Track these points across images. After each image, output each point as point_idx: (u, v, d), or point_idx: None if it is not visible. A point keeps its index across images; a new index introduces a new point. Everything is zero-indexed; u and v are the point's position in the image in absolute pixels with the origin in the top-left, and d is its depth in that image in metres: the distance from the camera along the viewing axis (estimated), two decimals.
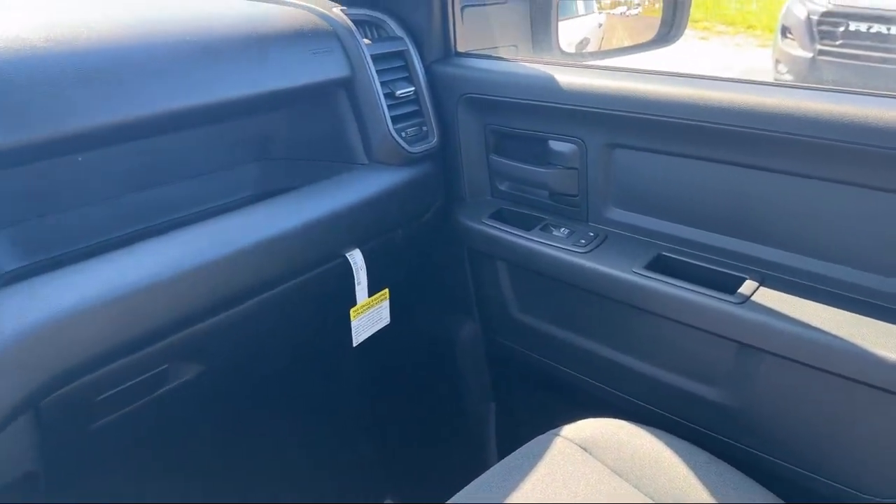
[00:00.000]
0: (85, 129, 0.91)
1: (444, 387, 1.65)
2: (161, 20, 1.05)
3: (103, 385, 0.99)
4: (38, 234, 1.05)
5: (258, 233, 1.09)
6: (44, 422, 0.92)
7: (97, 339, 0.92)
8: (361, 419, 1.76)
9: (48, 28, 0.93)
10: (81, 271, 0.93)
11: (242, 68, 1.08)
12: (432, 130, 1.39)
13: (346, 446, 1.74)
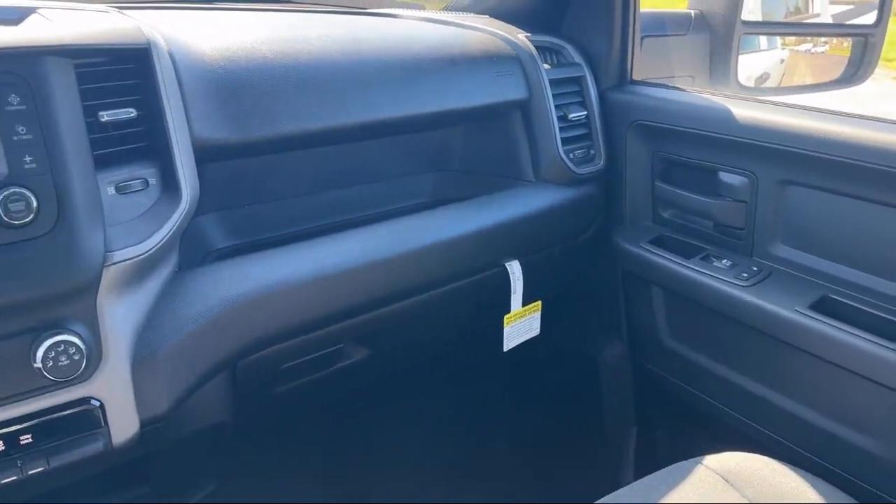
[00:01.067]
0: (298, 132, 1.05)
1: (585, 404, 1.68)
2: (368, 39, 1.18)
3: (288, 355, 1.12)
4: (246, 219, 1.21)
5: (431, 236, 1.19)
6: (238, 381, 1.07)
7: (289, 314, 1.05)
8: (499, 423, 1.83)
9: (275, 42, 1.07)
10: (281, 255, 1.07)
11: (435, 86, 1.19)
12: (600, 154, 1.43)
13: (481, 447, 1.81)
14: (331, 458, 1.51)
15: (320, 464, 1.47)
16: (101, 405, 0.85)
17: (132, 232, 0.86)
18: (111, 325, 0.85)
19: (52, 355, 0.79)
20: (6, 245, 0.76)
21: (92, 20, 0.89)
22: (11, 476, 0.79)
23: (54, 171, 0.78)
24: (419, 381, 1.57)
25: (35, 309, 0.79)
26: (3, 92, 0.76)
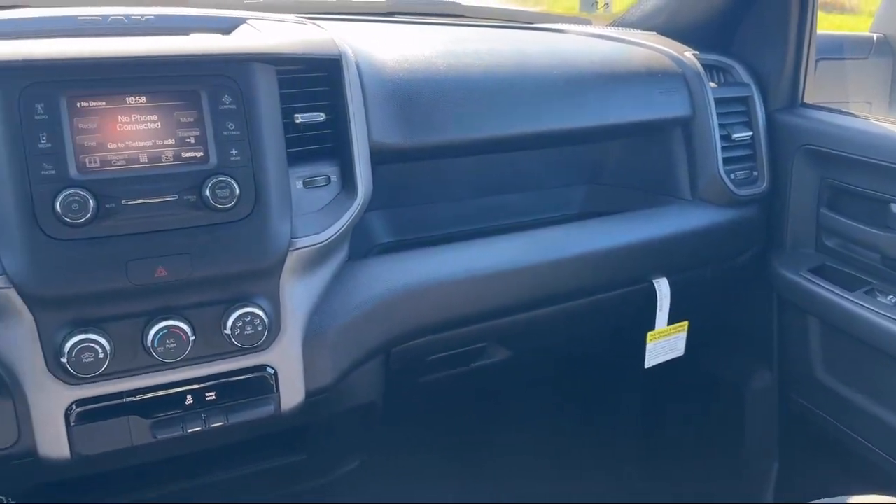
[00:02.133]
0: (464, 140, 1.12)
1: (725, 432, 1.64)
2: (534, 53, 1.23)
3: (435, 348, 1.19)
4: (407, 219, 1.30)
5: (580, 246, 1.22)
6: (390, 366, 1.15)
7: (440, 308, 1.12)
8: (630, 441, 1.81)
9: (449, 56, 1.15)
10: (437, 253, 1.14)
11: (598, 101, 1.22)
12: (763, 176, 1.40)
13: (610, 463, 1.80)
14: (461, 452, 1.56)
15: (452, 457, 1.53)
16: (274, 373, 0.95)
17: (314, 222, 0.96)
18: (290, 303, 0.95)
19: (239, 325, 0.90)
20: (212, 225, 0.88)
21: (293, 31, 1.00)
22: (196, 427, 0.91)
23: (255, 164, 0.89)
24: (555, 389, 1.60)
25: (230, 283, 0.91)
26: (217, 93, 0.88)
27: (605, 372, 1.65)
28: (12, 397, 0.84)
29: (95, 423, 0.87)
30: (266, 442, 1.19)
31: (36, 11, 0.97)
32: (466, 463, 1.53)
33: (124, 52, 0.85)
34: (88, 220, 0.81)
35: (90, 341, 0.83)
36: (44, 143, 0.80)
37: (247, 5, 1.37)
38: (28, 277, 0.81)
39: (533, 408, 1.62)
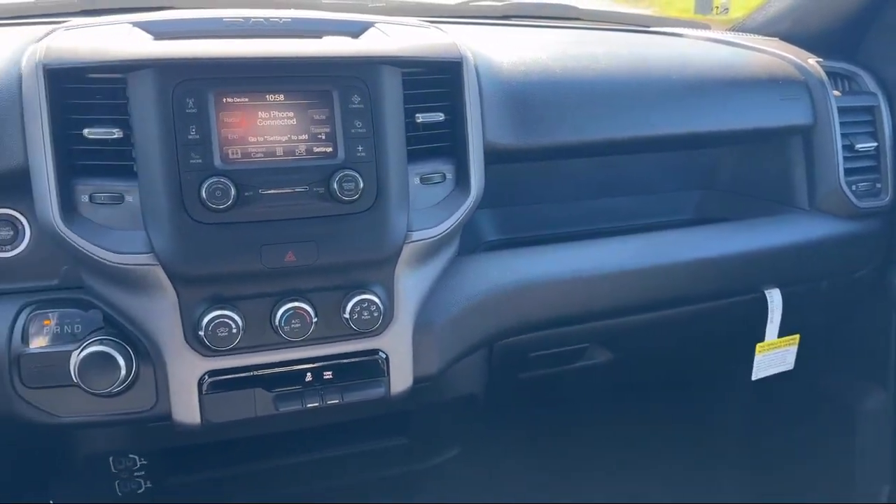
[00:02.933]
0: (577, 143, 1.14)
1: (833, 452, 1.58)
2: (652, 57, 1.24)
3: (538, 345, 1.22)
4: (515, 218, 1.33)
5: (689, 252, 1.22)
6: (493, 360, 1.19)
7: (545, 306, 1.14)
8: (732, 454, 1.77)
9: (565, 59, 1.17)
10: (544, 253, 1.16)
11: (715, 106, 1.21)
12: (887, 188, 1.34)
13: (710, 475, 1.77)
14: (556, 450, 1.58)
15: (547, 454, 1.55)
16: (386, 357, 1.01)
17: (429, 217, 1.01)
18: (403, 292, 1.01)
19: (357, 310, 0.95)
20: (337, 216, 0.94)
21: (418, 35, 1.05)
22: (314, 402, 0.97)
23: (378, 160, 0.95)
24: (655, 395, 1.59)
25: (350, 270, 0.97)
26: (348, 93, 0.94)
27: (708, 381, 1.63)
28: (153, 365, 0.93)
29: (225, 393, 0.95)
30: (370, 424, 1.25)
31: (185, 13, 1.06)
32: (560, 461, 1.55)
33: (266, 53, 0.92)
34: (229, 207, 0.89)
35: (225, 317, 0.91)
36: (193, 134, 0.88)
37: (371, 9, 1.44)
38: (174, 256, 0.89)
39: (631, 413, 1.61)
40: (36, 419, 0.91)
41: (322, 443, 1.24)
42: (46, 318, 0.92)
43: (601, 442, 1.60)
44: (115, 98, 0.90)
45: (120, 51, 0.89)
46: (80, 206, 0.90)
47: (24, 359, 0.90)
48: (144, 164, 0.89)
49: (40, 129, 0.87)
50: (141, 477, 1.18)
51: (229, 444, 1.17)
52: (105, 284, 0.93)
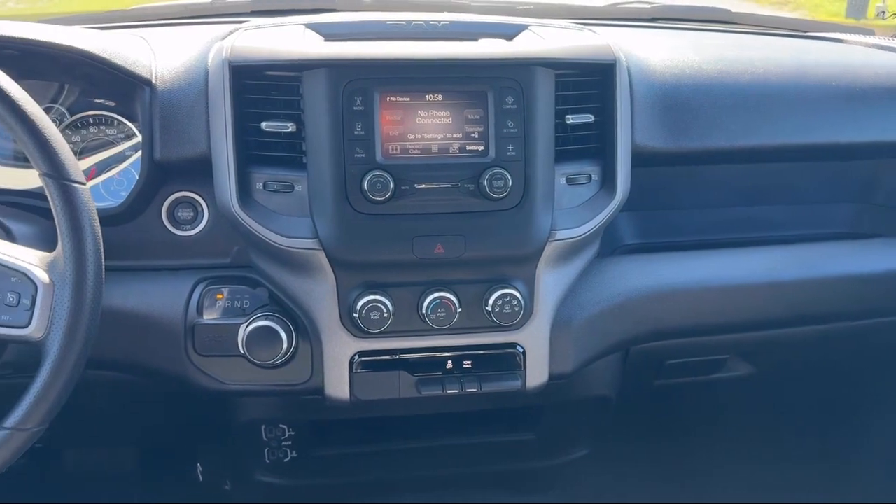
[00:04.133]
0: (727, 148, 1.12)
1: None
2: (811, 64, 1.19)
3: (675, 353, 1.21)
4: (656, 221, 1.32)
5: (841, 267, 1.17)
6: (628, 364, 1.19)
7: (685, 314, 1.13)
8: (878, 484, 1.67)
9: (720, 62, 1.15)
10: (685, 259, 1.15)
11: (878, 116, 1.15)
12: None
13: None
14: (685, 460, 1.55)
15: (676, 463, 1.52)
16: (524, 352, 1.03)
17: (573, 217, 1.03)
18: (543, 289, 1.03)
19: (499, 303, 0.99)
20: (486, 212, 0.97)
21: (572, 38, 1.07)
22: (454, 389, 1.02)
23: (527, 159, 0.97)
24: (797, 414, 1.53)
25: (494, 265, 1.00)
26: (502, 94, 0.97)
27: (856, 403, 1.54)
28: (310, 342, 1.01)
29: (372, 373, 1.01)
30: (500, 417, 1.28)
31: (351, 15, 1.13)
32: (690, 473, 1.52)
33: (427, 55, 0.97)
34: (387, 199, 0.95)
35: (378, 302, 0.97)
36: (358, 130, 0.95)
37: (520, 10, 1.47)
38: (335, 243, 0.96)
39: (769, 430, 1.56)
40: (205, 384, 1.01)
41: (452, 430, 1.28)
42: (219, 292, 1.02)
43: (735, 457, 1.56)
44: (289, 94, 0.97)
45: (297, 51, 0.97)
46: (255, 192, 0.98)
47: (198, 328, 0.99)
48: (313, 157, 0.96)
49: (223, 122, 0.96)
50: (288, 447, 1.27)
51: (368, 423, 1.23)
52: (271, 265, 1.02)
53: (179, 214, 1.04)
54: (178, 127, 0.99)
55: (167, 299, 1.00)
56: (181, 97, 1.00)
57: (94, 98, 1.06)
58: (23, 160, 1.05)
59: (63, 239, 0.75)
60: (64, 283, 0.75)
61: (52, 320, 0.74)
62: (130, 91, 1.01)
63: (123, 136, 1.06)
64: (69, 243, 0.75)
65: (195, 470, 1.50)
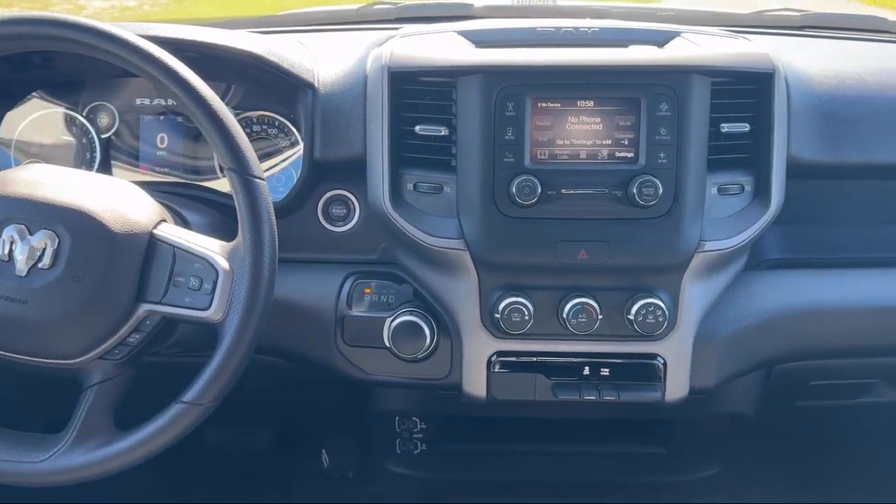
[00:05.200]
0: (889, 162, 1.06)
1: None
2: None
3: (819, 374, 1.15)
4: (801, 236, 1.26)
5: None
6: (770, 382, 1.15)
7: (832, 334, 1.08)
8: None
9: (882, 73, 1.09)
10: (833, 277, 1.10)
11: None
12: None
13: None
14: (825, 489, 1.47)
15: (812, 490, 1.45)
16: (664, 364, 1.02)
17: (723, 228, 1.00)
18: (688, 301, 1.02)
19: (643, 312, 0.98)
20: (633, 220, 0.97)
21: (729, 45, 1.05)
22: (591, 396, 1.02)
23: (678, 167, 0.96)
24: None
25: (638, 273, 1.00)
26: (656, 101, 0.96)
27: None
28: (450, 339, 1.03)
29: (510, 374, 1.03)
30: (629, 427, 1.27)
31: (500, 23, 1.16)
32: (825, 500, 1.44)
33: (580, 61, 0.98)
34: (533, 203, 0.96)
35: (519, 304, 0.98)
36: (509, 135, 0.97)
37: (662, 17, 1.45)
38: (480, 244, 0.98)
39: None
40: (351, 373, 1.05)
41: (579, 437, 1.28)
42: (367, 287, 1.06)
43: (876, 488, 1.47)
44: (443, 99, 1.01)
45: (452, 58, 1.00)
46: (405, 192, 1.02)
47: (347, 320, 1.04)
48: (463, 160, 0.99)
49: (380, 124, 1.01)
50: (419, 439, 1.31)
51: (496, 422, 1.25)
52: (416, 263, 1.05)
53: (333, 211, 1.09)
54: (336, 129, 1.05)
55: (320, 291, 1.05)
56: (341, 100, 1.05)
57: (258, 99, 1.13)
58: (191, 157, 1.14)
59: (244, 229, 0.81)
60: (243, 270, 0.80)
61: (231, 305, 0.80)
62: (293, 93, 1.07)
63: (283, 135, 1.13)
64: (249, 234, 0.81)
65: (320, 455, 1.56)
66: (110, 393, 0.82)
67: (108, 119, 1.13)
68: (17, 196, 0.79)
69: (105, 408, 0.82)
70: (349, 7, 1.55)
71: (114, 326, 0.80)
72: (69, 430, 0.81)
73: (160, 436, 0.80)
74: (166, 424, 0.80)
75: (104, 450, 0.80)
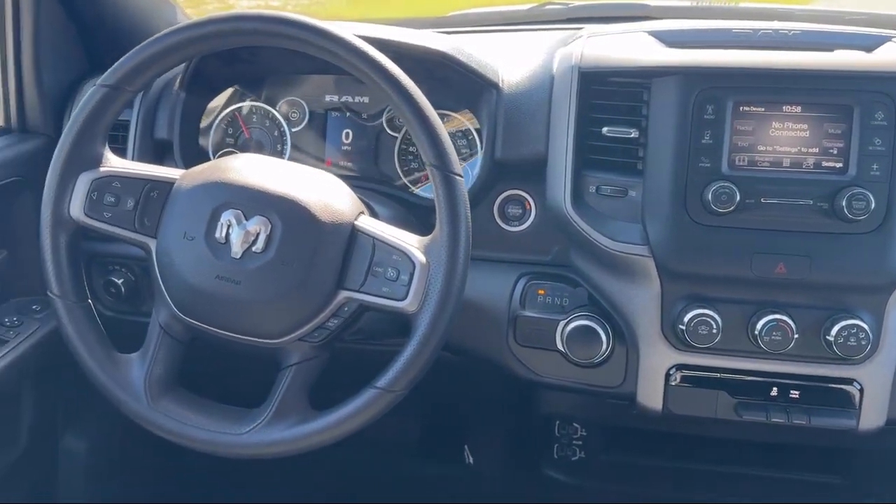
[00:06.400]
0: None
1: None
2: None
3: None
4: None
5: None
6: None
7: None
8: None
9: None
10: None
11: None
12: None
13: None
14: None
15: None
16: (861, 389, 0.95)
17: None
18: (892, 324, 0.94)
19: (844, 334, 0.92)
20: (838, 234, 0.91)
21: None
22: (779, 418, 0.96)
23: (893, 180, 0.89)
24: None
25: (840, 291, 0.93)
26: (871, 108, 0.90)
27: None
28: (626, 347, 1.01)
29: (689, 388, 0.99)
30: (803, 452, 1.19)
31: (692, 23, 1.11)
32: None
33: (788, 65, 0.93)
34: (729, 212, 0.92)
35: (707, 317, 0.94)
36: (706, 139, 0.93)
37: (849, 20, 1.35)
38: (667, 251, 0.95)
39: None
40: (521, 374, 1.05)
41: (748, 459, 1.22)
42: (541, 288, 1.05)
43: None
44: (633, 101, 0.98)
45: (648, 58, 0.97)
46: (587, 195, 1.00)
47: (520, 320, 1.03)
48: (653, 163, 0.96)
49: (566, 125, 0.99)
50: (578, 446, 1.29)
51: (660, 436, 1.21)
52: (593, 267, 1.03)
53: (509, 211, 1.09)
54: (519, 129, 1.05)
55: (494, 289, 1.05)
56: (525, 100, 1.05)
57: (441, 98, 1.15)
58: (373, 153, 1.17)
59: (441, 224, 0.82)
60: (439, 264, 0.81)
61: (426, 297, 0.81)
62: (477, 93, 1.08)
63: (461, 135, 1.14)
64: (447, 229, 0.82)
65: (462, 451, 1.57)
66: (307, 374, 0.86)
67: (299, 114, 1.18)
68: (234, 183, 0.84)
69: (301, 388, 0.86)
70: (519, 7, 1.54)
71: (315, 310, 0.83)
72: (268, 406, 0.85)
73: (353, 419, 0.82)
74: (359, 409, 0.82)
75: (300, 427, 0.83)
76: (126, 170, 0.88)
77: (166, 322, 0.87)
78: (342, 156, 1.18)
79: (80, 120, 0.86)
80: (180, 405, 0.87)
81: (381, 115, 1.16)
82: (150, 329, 0.88)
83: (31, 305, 1.14)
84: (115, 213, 0.86)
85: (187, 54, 0.87)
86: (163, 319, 0.87)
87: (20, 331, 1.08)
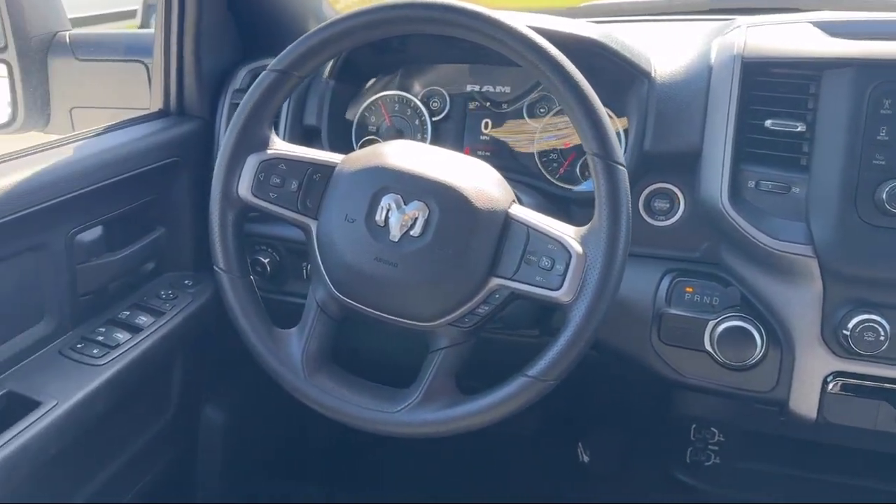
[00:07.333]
0: None
1: None
2: None
3: None
4: None
5: None
6: None
7: None
8: None
9: None
10: None
11: None
12: None
13: None
14: None
15: None
16: None
17: None
18: None
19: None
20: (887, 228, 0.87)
21: None
22: None
23: None
24: None
25: None
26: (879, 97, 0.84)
27: None
28: (781, 351, 0.96)
29: (849, 397, 0.94)
30: None
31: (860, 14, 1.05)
32: None
33: None
34: None
35: (875, 323, 0.89)
36: (882, 135, 0.88)
37: None
38: (833, 252, 0.90)
39: None
40: (664, 373, 1.02)
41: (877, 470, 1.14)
42: (688, 286, 1.02)
43: None
44: (799, 93, 0.94)
45: (819, 49, 0.92)
46: (745, 190, 0.97)
47: (665, 317, 1.00)
48: (821, 159, 0.91)
49: (725, 117, 0.96)
50: (713, 451, 1.25)
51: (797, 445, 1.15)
52: (746, 266, 0.99)
53: (655, 205, 1.06)
54: (671, 120, 1.01)
55: (638, 285, 1.03)
56: (678, 91, 1.02)
57: None
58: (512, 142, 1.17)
59: (601, 214, 0.81)
60: (597, 256, 0.80)
61: (582, 288, 0.80)
62: (627, 83, 1.05)
63: None
64: (608, 220, 0.80)
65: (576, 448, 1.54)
66: (456, 358, 0.86)
67: (440, 103, 1.19)
68: (394, 168, 0.85)
69: (450, 371, 0.86)
70: None
71: (468, 296, 0.83)
72: (419, 387, 0.86)
73: (502, 406, 0.82)
74: (509, 396, 0.82)
75: (451, 410, 0.84)
76: (291, 153, 0.91)
77: (323, 300, 0.89)
78: (481, 145, 1.18)
79: (251, 103, 0.89)
80: (334, 381, 0.89)
81: (522, 106, 1.16)
82: (307, 306, 0.90)
83: (184, 280, 1.19)
84: (280, 193, 0.89)
85: (356, 40, 0.89)
86: (320, 298, 0.89)
87: (175, 303, 1.14)
